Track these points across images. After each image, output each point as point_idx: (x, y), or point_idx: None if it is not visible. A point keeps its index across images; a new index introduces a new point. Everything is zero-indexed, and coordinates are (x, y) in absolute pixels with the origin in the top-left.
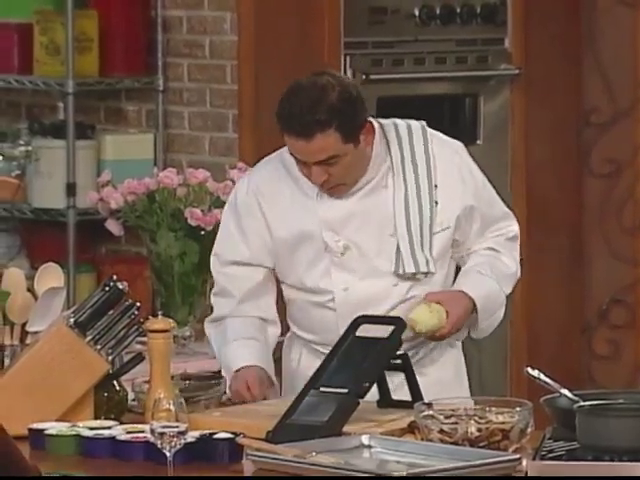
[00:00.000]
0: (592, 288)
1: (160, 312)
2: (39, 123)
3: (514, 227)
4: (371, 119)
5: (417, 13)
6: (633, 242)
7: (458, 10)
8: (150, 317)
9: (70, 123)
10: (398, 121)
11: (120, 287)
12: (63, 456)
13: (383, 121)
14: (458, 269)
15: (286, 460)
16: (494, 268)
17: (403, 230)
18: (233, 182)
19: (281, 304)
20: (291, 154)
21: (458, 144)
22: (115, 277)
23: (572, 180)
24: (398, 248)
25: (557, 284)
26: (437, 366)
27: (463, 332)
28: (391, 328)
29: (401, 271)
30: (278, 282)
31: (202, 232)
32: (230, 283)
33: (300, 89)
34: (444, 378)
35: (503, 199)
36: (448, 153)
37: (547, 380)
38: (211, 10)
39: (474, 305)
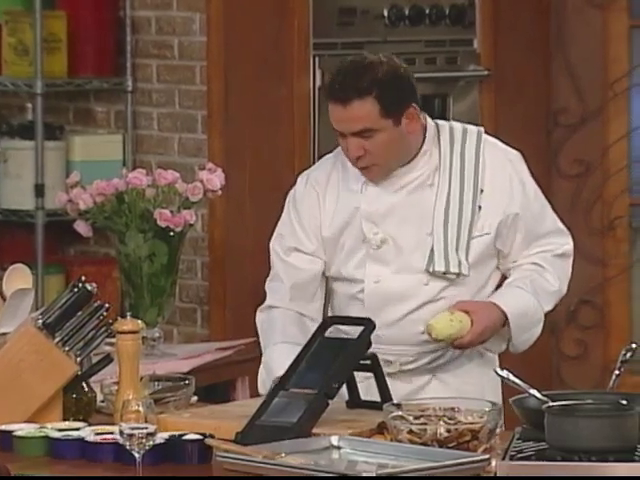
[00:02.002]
0: None
1: (129, 313)
2: (7, 124)
3: (566, 245)
4: (428, 119)
5: (386, 14)
6: (601, 243)
7: (427, 11)
8: (119, 318)
9: (39, 124)
10: (455, 124)
11: (89, 288)
12: (32, 457)
13: (440, 122)
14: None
15: (255, 461)
16: (535, 284)
17: (439, 229)
18: (202, 183)
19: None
20: (333, 128)
21: (514, 153)
22: (84, 278)
23: (541, 181)
24: (432, 247)
25: None
26: (458, 375)
27: (500, 345)
28: (360, 329)
29: (431, 269)
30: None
31: (171, 233)
32: (287, 272)
33: (349, 61)
34: (464, 390)
35: None
36: (500, 160)
37: (516, 380)
38: (180, 11)
39: (506, 319)
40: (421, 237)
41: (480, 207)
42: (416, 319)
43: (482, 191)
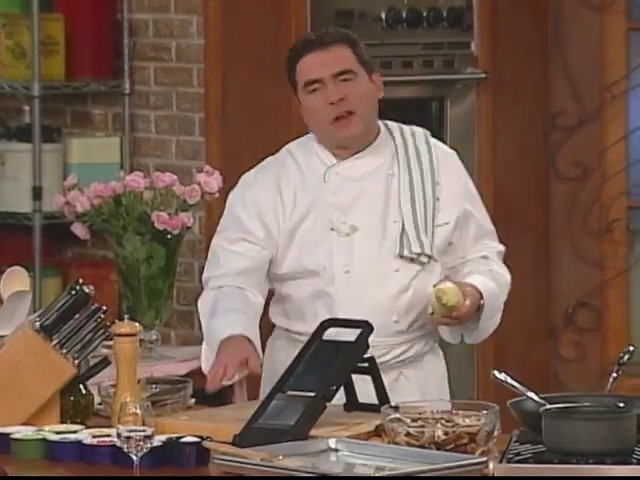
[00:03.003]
0: (558, 291)
1: (126, 316)
2: (5, 126)
3: (500, 246)
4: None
5: (384, 17)
6: (599, 245)
7: (424, 14)
8: (116, 321)
9: (36, 126)
10: (403, 125)
11: (86, 291)
12: (29, 460)
13: (388, 122)
14: None
15: (253, 464)
16: (494, 273)
17: (409, 214)
18: (200, 185)
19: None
20: (305, 85)
21: (455, 153)
22: (81, 281)
23: (539, 183)
24: (403, 231)
25: (523, 287)
26: (420, 370)
27: (458, 334)
28: (358, 331)
29: (406, 252)
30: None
31: (169, 236)
32: (233, 259)
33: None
34: (427, 385)
35: None
36: (449, 157)
37: (514, 383)
38: (177, 13)
39: (482, 299)
40: (388, 225)
41: (438, 199)
42: (388, 309)
43: (438, 184)
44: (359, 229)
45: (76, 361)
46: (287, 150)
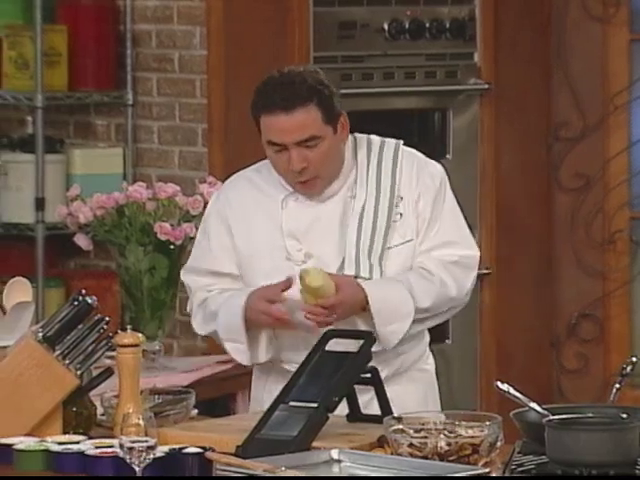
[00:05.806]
0: (561, 302)
1: (129, 326)
2: (8, 137)
3: (463, 253)
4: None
5: (386, 27)
6: (602, 256)
7: (427, 25)
8: (119, 331)
9: (39, 137)
10: (374, 136)
11: (89, 301)
12: (32, 471)
13: (358, 135)
14: None
15: (256, 475)
16: (415, 279)
17: (352, 237)
18: (202, 196)
19: None
20: (269, 143)
21: (432, 162)
22: (84, 291)
23: (541, 194)
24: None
25: (526, 298)
26: (400, 388)
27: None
28: (360, 342)
29: (341, 274)
30: None
31: (171, 246)
32: (210, 285)
33: (276, 74)
34: (407, 401)
35: (467, 218)
36: (416, 167)
37: (517, 394)
38: (180, 25)
39: (363, 301)
40: (343, 249)
41: (401, 214)
42: None
43: (402, 198)
44: (313, 256)
45: (79, 372)
46: (257, 168)
